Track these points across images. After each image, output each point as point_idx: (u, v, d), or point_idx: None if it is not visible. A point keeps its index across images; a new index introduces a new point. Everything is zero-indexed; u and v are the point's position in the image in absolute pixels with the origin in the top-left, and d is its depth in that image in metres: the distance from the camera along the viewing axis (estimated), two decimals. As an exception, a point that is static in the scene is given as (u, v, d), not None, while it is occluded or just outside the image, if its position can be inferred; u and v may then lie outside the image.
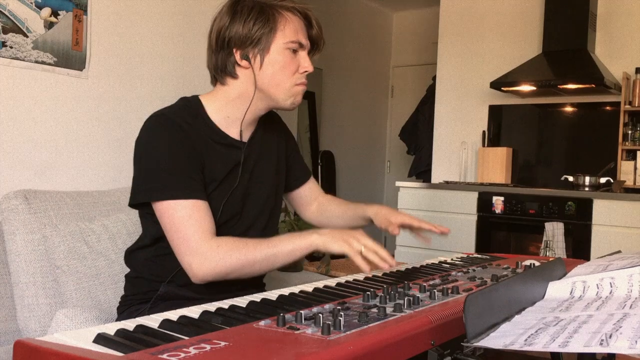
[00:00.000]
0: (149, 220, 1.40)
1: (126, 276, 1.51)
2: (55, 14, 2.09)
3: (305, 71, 1.42)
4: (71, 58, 2.15)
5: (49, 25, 2.08)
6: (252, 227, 1.47)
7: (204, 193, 1.32)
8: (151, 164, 1.33)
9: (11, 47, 1.97)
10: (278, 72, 1.39)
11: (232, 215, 1.42)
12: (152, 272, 1.41)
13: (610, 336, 0.65)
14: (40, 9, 2.05)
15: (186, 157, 1.33)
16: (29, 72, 2.03)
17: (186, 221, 1.28)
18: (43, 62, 2.06)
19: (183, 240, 1.27)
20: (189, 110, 1.41)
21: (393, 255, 1.53)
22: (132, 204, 1.39)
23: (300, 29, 1.42)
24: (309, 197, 1.71)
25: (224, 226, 1.39)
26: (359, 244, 1.23)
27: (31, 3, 2.02)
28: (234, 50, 1.39)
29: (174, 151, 1.32)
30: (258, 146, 1.50)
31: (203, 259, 1.26)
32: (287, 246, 1.27)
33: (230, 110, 1.43)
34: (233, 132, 1.44)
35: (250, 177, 1.46)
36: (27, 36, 2.01)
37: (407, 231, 1.55)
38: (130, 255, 1.50)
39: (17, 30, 1.98)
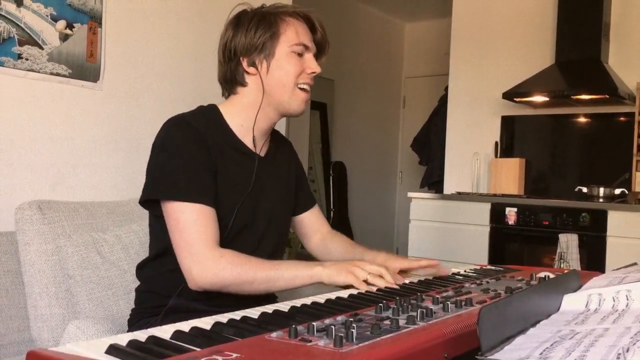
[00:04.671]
0: (157, 226, 1.41)
1: (136, 290, 1.51)
2: (70, 26, 2.11)
3: (313, 72, 1.43)
4: (86, 70, 2.17)
5: (64, 37, 2.10)
6: (262, 241, 1.46)
7: (212, 200, 1.33)
8: (164, 164, 1.34)
9: (27, 59, 1.99)
10: (284, 74, 1.41)
11: (244, 225, 1.42)
12: (162, 286, 1.41)
13: (628, 350, 0.64)
14: (56, 22, 2.07)
15: (200, 161, 1.34)
16: (44, 84, 2.06)
17: (191, 225, 1.28)
18: (58, 74, 2.09)
19: (186, 244, 1.28)
20: (206, 115, 1.43)
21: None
22: (142, 201, 1.39)
23: (304, 32, 1.43)
24: (312, 226, 1.69)
25: (237, 239, 1.39)
26: (364, 272, 1.23)
27: (47, 15, 2.04)
28: (241, 59, 1.42)
29: (189, 154, 1.33)
30: (271, 162, 1.51)
31: (203, 267, 1.26)
32: (290, 272, 1.27)
33: (243, 119, 1.45)
34: (248, 142, 1.46)
35: (261, 190, 1.46)
36: (42, 48, 2.04)
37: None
38: (141, 270, 1.50)
39: (33, 42, 2.01)
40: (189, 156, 1.33)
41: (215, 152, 1.37)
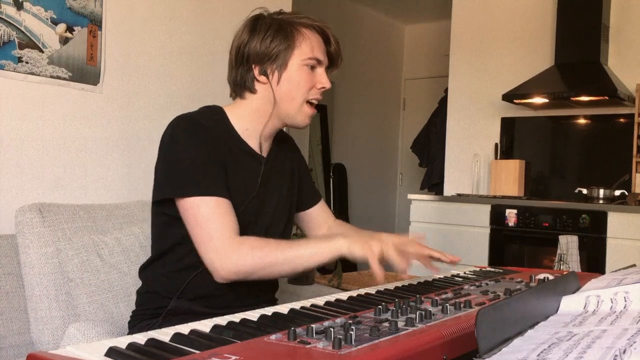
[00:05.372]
0: (161, 225, 1.40)
1: (137, 291, 1.51)
2: (70, 29, 2.12)
3: (323, 87, 1.44)
4: (86, 73, 2.17)
5: (64, 40, 2.10)
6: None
7: (227, 192, 1.33)
8: (176, 161, 1.34)
9: (27, 63, 2.00)
10: (294, 88, 1.41)
11: (246, 224, 1.42)
12: (163, 287, 1.42)
13: (624, 351, 0.64)
14: (56, 25, 2.08)
15: (210, 156, 1.34)
16: (44, 87, 2.06)
17: (210, 218, 1.28)
18: (58, 77, 2.09)
19: (206, 237, 1.28)
20: (212, 115, 1.44)
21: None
22: (157, 200, 1.38)
23: (318, 45, 1.43)
24: (319, 219, 1.69)
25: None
26: (379, 247, 1.19)
27: (47, 19, 2.05)
28: (253, 66, 1.41)
29: (199, 149, 1.34)
30: (274, 162, 1.52)
31: (225, 258, 1.26)
32: (310, 249, 1.25)
33: (249, 123, 1.45)
34: (252, 144, 1.46)
35: (265, 190, 1.47)
36: (42, 51, 2.04)
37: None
38: (144, 272, 1.50)
39: (33, 45, 2.01)
40: (198, 151, 1.33)
41: (222, 150, 1.38)
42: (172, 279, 1.38)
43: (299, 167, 1.64)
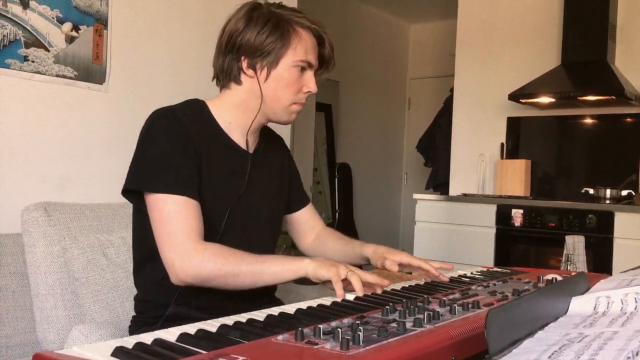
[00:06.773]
0: (139, 225, 1.37)
1: (135, 298, 1.47)
2: (76, 28, 2.12)
3: (309, 91, 1.41)
4: (92, 72, 2.18)
5: (70, 39, 2.10)
6: (253, 240, 1.42)
7: (197, 193, 1.30)
8: (148, 155, 1.31)
9: (33, 62, 2.00)
10: (281, 88, 1.38)
11: (234, 223, 1.38)
12: (159, 294, 1.37)
13: (637, 353, 0.63)
14: (62, 24, 2.08)
15: (184, 153, 1.31)
16: (50, 86, 2.06)
17: (175, 217, 1.24)
18: (64, 76, 2.09)
19: (169, 235, 1.24)
20: (193, 108, 1.41)
21: (410, 272, 1.51)
22: (123, 191, 1.35)
23: (312, 48, 1.40)
24: (307, 224, 1.65)
25: (226, 238, 1.35)
26: (346, 272, 1.19)
27: (53, 18, 2.05)
28: (242, 58, 1.38)
29: (173, 145, 1.30)
30: (262, 159, 1.48)
31: (186, 260, 1.22)
32: (276, 266, 1.23)
33: (232, 117, 1.42)
34: (236, 138, 1.43)
35: (251, 187, 1.43)
36: (48, 50, 2.04)
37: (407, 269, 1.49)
38: (138, 277, 1.46)
39: (39, 44, 2.01)
40: (171, 147, 1.30)
41: (200, 146, 1.34)
42: (167, 285, 1.32)
43: (289, 167, 1.60)
